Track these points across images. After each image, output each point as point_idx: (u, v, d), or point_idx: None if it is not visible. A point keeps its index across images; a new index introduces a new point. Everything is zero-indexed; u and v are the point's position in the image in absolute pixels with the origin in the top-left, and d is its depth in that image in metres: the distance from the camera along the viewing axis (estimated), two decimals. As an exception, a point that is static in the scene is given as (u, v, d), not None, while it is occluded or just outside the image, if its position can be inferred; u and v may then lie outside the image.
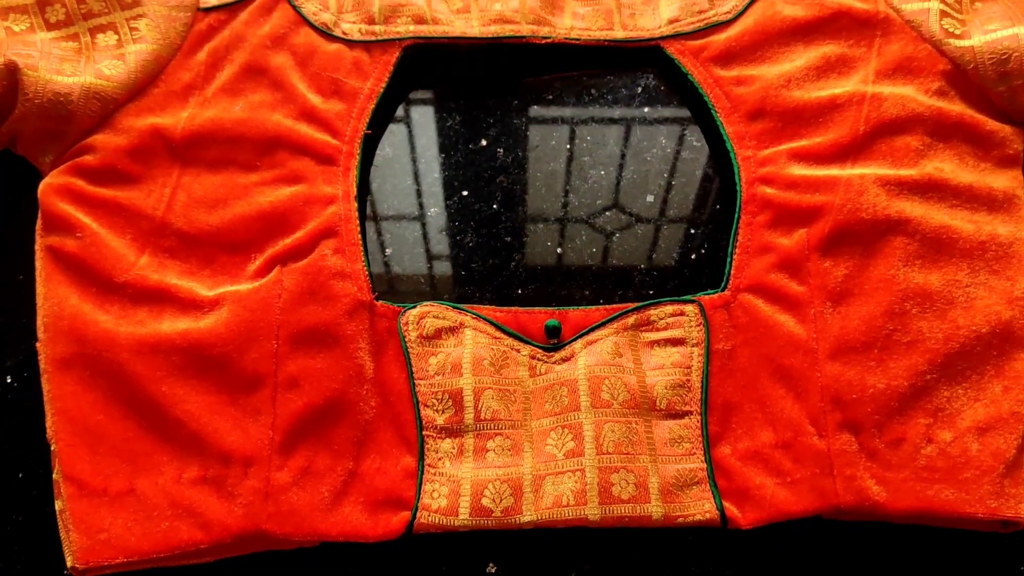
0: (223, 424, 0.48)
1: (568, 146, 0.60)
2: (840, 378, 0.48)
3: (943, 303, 0.50)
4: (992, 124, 0.55)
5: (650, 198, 0.58)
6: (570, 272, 0.56)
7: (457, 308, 0.51)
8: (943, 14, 0.58)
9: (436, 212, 0.58)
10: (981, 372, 0.49)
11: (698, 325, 0.51)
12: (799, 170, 0.55)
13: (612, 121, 0.61)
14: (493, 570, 0.48)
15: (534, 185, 0.59)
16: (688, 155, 0.60)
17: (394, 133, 0.61)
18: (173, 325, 0.50)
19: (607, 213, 0.58)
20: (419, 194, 0.59)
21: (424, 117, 0.62)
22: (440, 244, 0.57)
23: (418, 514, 0.46)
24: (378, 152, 0.60)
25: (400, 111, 0.62)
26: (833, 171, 0.54)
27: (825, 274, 0.51)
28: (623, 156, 0.60)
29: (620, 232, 0.57)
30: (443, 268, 0.56)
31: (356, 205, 0.54)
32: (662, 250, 0.57)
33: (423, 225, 0.58)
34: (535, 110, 0.61)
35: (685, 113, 0.61)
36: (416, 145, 0.60)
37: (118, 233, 0.53)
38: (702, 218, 0.58)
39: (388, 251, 0.57)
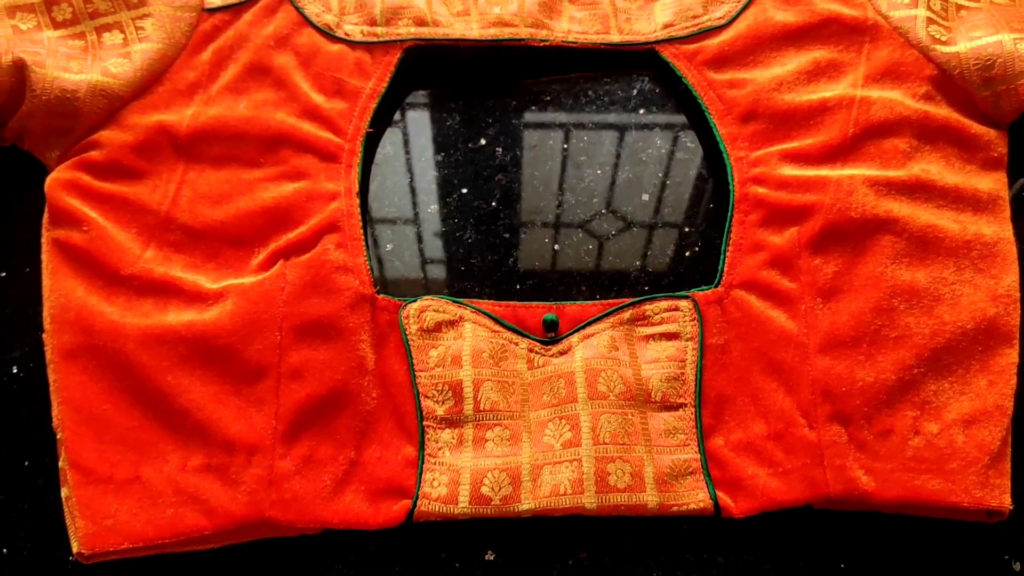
0: (227, 413, 0.48)
1: (564, 146, 0.61)
2: (830, 371, 0.49)
3: (930, 300, 0.51)
4: (977, 128, 0.57)
5: (645, 197, 0.59)
6: (567, 268, 0.57)
7: (457, 302, 0.52)
8: (930, 21, 0.59)
9: (435, 209, 0.59)
10: (966, 366, 0.50)
11: (692, 320, 0.51)
12: (790, 170, 0.56)
13: (608, 123, 0.62)
14: (491, 557, 0.49)
15: (531, 184, 0.60)
16: (682, 156, 0.61)
17: (395, 132, 0.62)
18: (178, 317, 0.50)
19: (603, 211, 0.59)
20: (419, 191, 0.60)
21: (424, 117, 0.63)
22: (440, 240, 0.58)
23: (418, 502, 0.47)
24: (379, 150, 0.61)
25: (401, 111, 0.62)
26: (823, 172, 0.55)
27: (815, 271, 0.52)
28: (618, 157, 0.61)
29: (616, 230, 0.58)
30: (443, 263, 0.57)
31: (358, 201, 0.55)
32: (657, 248, 0.58)
33: (422, 221, 0.59)
34: (532, 111, 0.62)
35: (679, 115, 0.62)
36: (416, 144, 0.61)
37: (124, 227, 0.53)
38: (696, 217, 0.59)
39: (388, 247, 0.57)
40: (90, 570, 0.47)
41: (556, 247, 0.58)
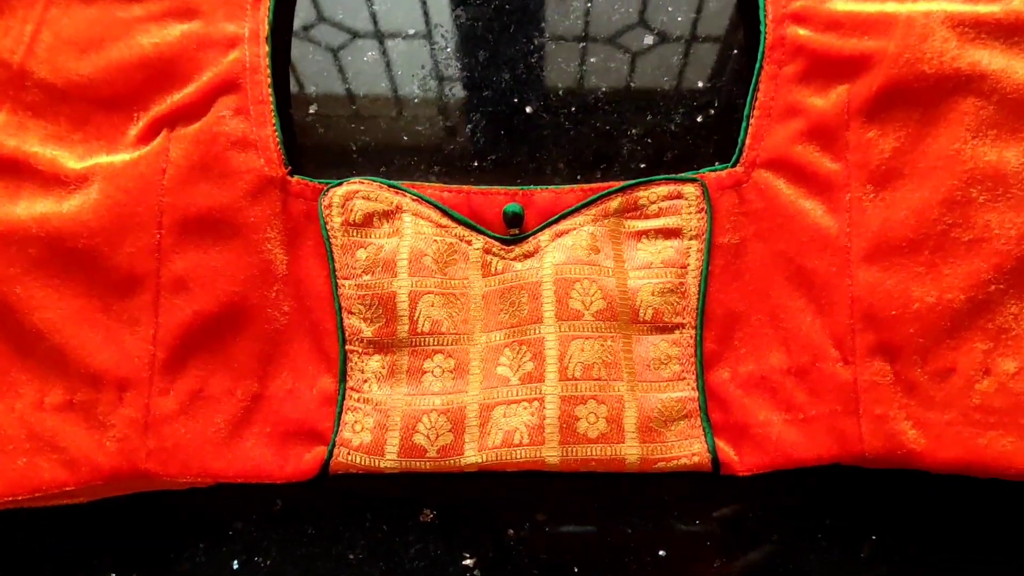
0: (92, 336, 0.40)
1: (548, -31, 0.47)
2: (877, 287, 0.39)
3: (1021, 189, 0.39)
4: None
5: (648, 39, 0.47)
6: (540, 140, 0.45)
7: (394, 187, 0.43)
8: None
9: (372, 57, 0.47)
10: (1064, 283, 0.39)
11: (699, 212, 0.42)
12: (844, 5, 0.43)
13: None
14: (429, 517, 0.41)
15: (500, 20, 0.47)
16: (702, -16, 0.47)
17: (323, -49, 0.48)
18: (30, 209, 0.41)
19: (592, 59, 0.46)
20: (353, 32, 0.47)
21: (362, -71, 0.49)
22: (376, 100, 0.46)
23: (335, 451, 0.40)
24: (303, -23, 0.48)
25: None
26: (889, 7, 0.42)
27: (868, 147, 0.41)
28: (617, -16, 0.47)
29: (607, 84, 0.46)
30: (378, 132, 0.46)
31: (268, 49, 0.44)
32: (659, 109, 0.46)
33: (356, 73, 0.47)
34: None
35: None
36: (350, -32, 0.48)
37: (-34, 85, 0.43)
38: (713, 68, 0.46)
39: (312, 109, 0.46)
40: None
41: (528, 110, 0.46)
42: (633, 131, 0.45)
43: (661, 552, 0.40)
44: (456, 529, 0.41)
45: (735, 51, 0.46)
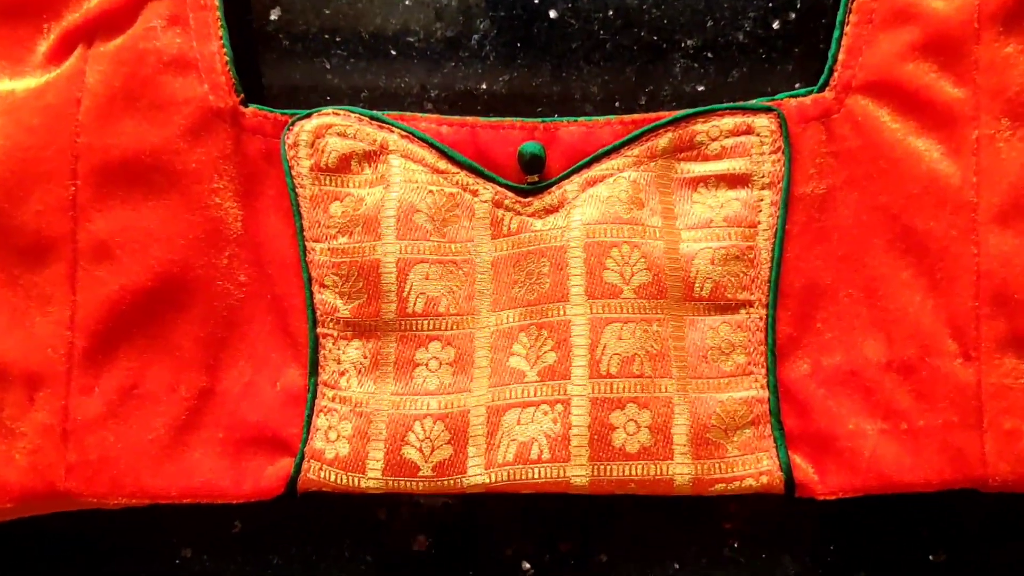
0: None
1: None
2: (1012, 259, 0.34)
3: None
4: None
5: (709, -79, 0.39)
6: (567, 53, 0.39)
7: (378, 120, 0.36)
8: None
9: None
10: None
11: (774, 152, 0.35)
12: None
13: None
14: (423, 546, 0.36)
15: None
16: None
17: None
18: (-88, 153, 0.35)
19: None
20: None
21: None
22: (356, 2, 0.39)
23: (304, 465, 0.35)
24: None
25: None
26: None
27: (1004, 67, 0.34)
28: None
29: None
30: (359, 46, 0.39)
31: None
32: (723, 13, 0.39)
33: None
34: None
35: None
36: None
37: None
38: None
39: (272, 15, 0.38)
40: None
41: (551, 14, 0.38)
42: (688, 42, 0.39)
43: (716, 593, 0.36)
44: (457, 561, 0.37)
45: (824, -66, 0.38)
